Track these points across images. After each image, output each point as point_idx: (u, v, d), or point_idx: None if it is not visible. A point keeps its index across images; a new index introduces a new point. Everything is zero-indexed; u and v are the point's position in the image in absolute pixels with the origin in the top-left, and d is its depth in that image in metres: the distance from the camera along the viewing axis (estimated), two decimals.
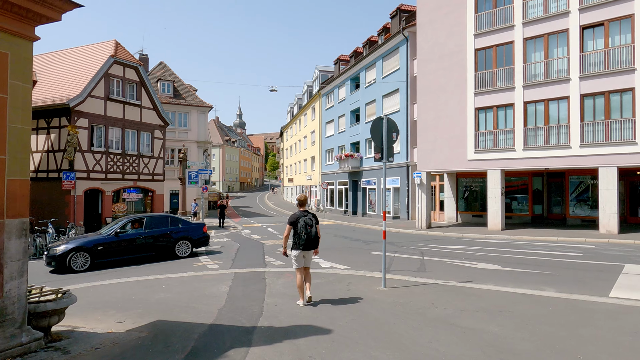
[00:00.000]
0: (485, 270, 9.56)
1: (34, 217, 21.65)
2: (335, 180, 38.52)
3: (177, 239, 13.38)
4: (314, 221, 6.73)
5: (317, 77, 45.63)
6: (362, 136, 33.21)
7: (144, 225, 13.01)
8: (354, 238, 17.58)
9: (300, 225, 6.58)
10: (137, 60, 24.09)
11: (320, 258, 11.85)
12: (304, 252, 6.74)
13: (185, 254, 13.38)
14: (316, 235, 6.70)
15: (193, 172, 23.79)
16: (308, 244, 6.65)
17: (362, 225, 24.79)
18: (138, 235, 12.70)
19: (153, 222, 13.27)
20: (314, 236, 6.66)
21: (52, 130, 21.54)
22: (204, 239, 14.20)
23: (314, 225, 6.69)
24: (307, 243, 6.63)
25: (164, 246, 13.13)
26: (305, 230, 6.57)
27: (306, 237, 6.59)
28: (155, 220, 13.43)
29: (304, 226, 6.58)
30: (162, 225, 13.42)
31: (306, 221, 6.62)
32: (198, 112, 37.21)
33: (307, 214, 6.74)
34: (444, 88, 20.91)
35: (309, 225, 6.61)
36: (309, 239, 6.62)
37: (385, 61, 29.69)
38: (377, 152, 7.95)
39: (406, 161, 26.63)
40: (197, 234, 13.96)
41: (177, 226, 13.68)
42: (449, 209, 24.44)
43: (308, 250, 6.75)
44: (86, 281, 9.70)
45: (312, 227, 6.64)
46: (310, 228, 6.60)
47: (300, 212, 6.76)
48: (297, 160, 56.57)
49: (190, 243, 13.61)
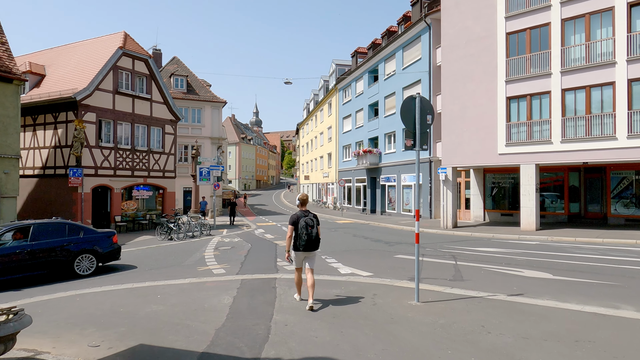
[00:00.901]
0: (534, 280, 8.11)
1: (30, 215, 20.97)
2: (353, 178, 37.14)
3: (77, 252, 10.61)
4: (315, 221, 6.47)
5: (334, 71, 44.26)
6: (381, 131, 31.73)
7: (30, 236, 10.01)
8: (375, 238, 16.23)
9: (301, 225, 6.35)
10: (147, 52, 23.17)
11: (339, 262, 10.56)
12: (304, 253, 6.47)
13: (88, 271, 10.68)
14: (317, 236, 6.43)
15: (205, 168, 22.76)
16: (309, 245, 6.37)
17: (382, 224, 23.39)
18: (20, 250, 9.71)
19: (43, 232, 10.27)
20: (314, 237, 6.39)
21: (59, 125, 20.76)
22: (114, 252, 11.48)
23: (315, 225, 6.42)
24: (307, 244, 6.35)
25: (58, 262, 10.28)
26: (306, 230, 6.34)
27: (307, 237, 6.33)
28: (46, 229, 10.39)
29: (305, 227, 6.35)
30: (57, 235, 10.49)
31: (307, 221, 6.38)
32: (212, 107, 36.27)
33: (308, 213, 6.48)
34: (471, 76, 19.32)
35: (309, 225, 6.37)
36: (309, 240, 6.35)
37: (406, 51, 28.14)
38: (409, 138, 6.61)
39: (428, 156, 25.08)
40: (104, 246, 11.19)
41: (76, 236, 10.81)
42: (476, 207, 22.82)
43: (309, 252, 6.47)
44: (77, 287, 8.64)
45: (313, 227, 6.38)
46: (311, 229, 6.36)
47: (301, 212, 6.49)
48: (313, 158, 55.34)
49: (95, 257, 10.90)
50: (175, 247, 15.25)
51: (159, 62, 38.15)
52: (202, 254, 13.21)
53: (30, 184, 21.66)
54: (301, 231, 6.33)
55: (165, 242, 17.00)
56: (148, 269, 10.82)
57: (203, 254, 13.07)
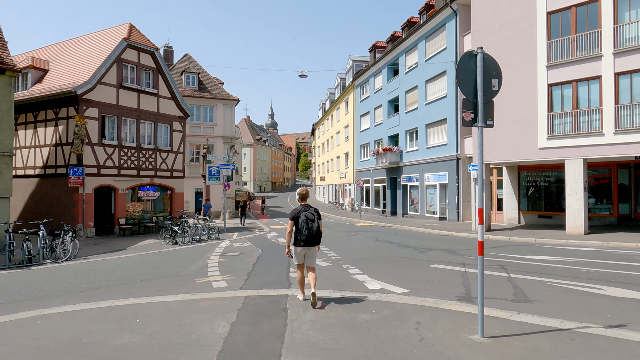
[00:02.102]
0: (627, 302, 6.21)
1: (31, 218, 19.71)
2: (372, 178, 35.27)
3: None
4: (316, 216, 6.32)
5: (351, 67, 42.51)
6: (401, 127, 29.82)
7: None
8: (401, 243, 14.40)
9: (301, 220, 6.23)
10: (153, 44, 21.81)
11: (364, 274, 8.80)
12: (305, 248, 6.32)
13: None
14: (318, 231, 6.30)
15: (214, 167, 21.26)
16: (309, 240, 6.25)
17: (405, 227, 21.50)
18: None
19: None
20: (315, 232, 6.26)
21: (60, 121, 19.53)
22: None
23: (315, 220, 6.28)
24: (308, 239, 6.23)
25: None
26: (306, 225, 6.21)
27: (307, 232, 6.21)
28: None
29: (305, 221, 6.23)
30: None
31: (307, 216, 6.24)
32: (224, 105, 34.91)
33: (309, 208, 6.34)
34: (507, 63, 17.30)
35: (310, 220, 6.23)
36: (310, 235, 6.22)
37: (429, 41, 26.22)
38: (468, 109, 4.83)
39: (455, 153, 23.10)
40: None
41: None
42: (509, 208, 20.74)
43: (310, 247, 6.33)
44: (47, 303, 7.08)
45: (313, 222, 6.24)
46: (311, 223, 6.23)
47: (301, 206, 6.37)
48: (329, 158, 53.62)
49: None
50: (177, 253, 13.70)
51: (170, 60, 37.04)
52: (205, 261, 11.60)
53: (31, 184, 20.48)
54: (301, 225, 6.19)
55: (169, 247, 15.49)
56: (139, 280, 9.24)
57: (206, 262, 11.45)
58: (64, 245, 13.28)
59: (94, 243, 17.30)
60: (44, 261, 12.64)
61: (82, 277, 9.85)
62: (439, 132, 25.09)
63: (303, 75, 23.34)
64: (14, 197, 21.18)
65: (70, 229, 13.71)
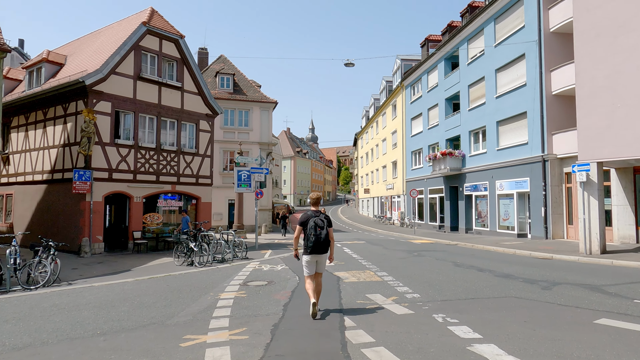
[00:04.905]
0: None
1: (38, 229, 16.77)
2: (426, 188, 30.82)
3: None
4: (326, 223, 6.07)
5: (399, 67, 38.54)
6: (464, 128, 25.42)
7: None
8: (497, 272, 10.14)
9: (310, 226, 5.99)
10: (178, 31, 18.96)
11: (483, 339, 4.77)
12: (314, 256, 6.03)
13: None
14: (327, 238, 6.01)
15: (244, 171, 17.85)
16: (316, 247, 5.96)
17: (478, 246, 17.07)
18: None
19: None
20: (323, 239, 5.97)
21: (69, 118, 16.87)
22: None
23: (324, 227, 6.03)
24: (315, 246, 5.96)
25: None
26: (314, 231, 5.96)
27: (315, 239, 5.94)
28: None
29: (314, 227, 5.97)
30: None
31: (316, 222, 6.01)
32: (261, 109, 31.93)
33: (319, 214, 6.12)
34: (628, 24, 12.80)
35: (319, 226, 5.99)
36: (317, 242, 5.95)
37: (499, 23, 21.90)
38: None
39: (541, 153, 18.48)
40: None
41: None
42: (621, 222, 15.83)
43: (319, 255, 6.03)
44: None
45: (322, 228, 6.00)
46: (320, 230, 5.97)
47: (312, 212, 6.16)
48: (374, 168, 49.48)
49: None
50: (187, 279, 10.15)
51: (205, 62, 34.74)
52: (217, 295, 7.93)
53: (39, 191, 17.90)
54: (309, 232, 5.97)
55: (182, 269, 12.02)
56: (100, 333, 5.65)
57: (218, 296, 7.78)
58: (43, 266, 10.10)
59: (97, 262, 14.19)
60: (11, 288, 9.47)
61: (25, 322, 6.43)
62: (516, 129, 20.53)
63: (349, 64, 19.69)
64: (22, 206, 18.72)
65: (53, 244, 10.54)
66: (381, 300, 6.99)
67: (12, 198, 19.45)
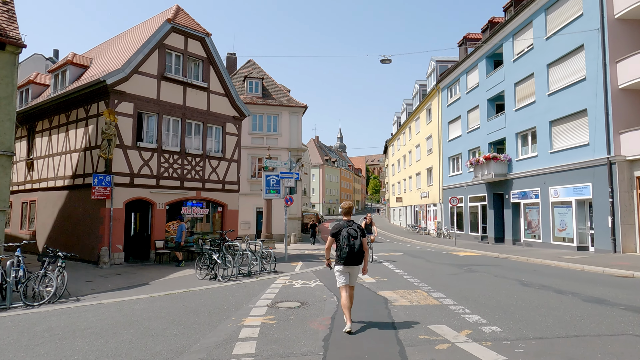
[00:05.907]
0: None
1: (59, 237, 16.03)
2: (465, 196, 28.68)
3: None
4: (359, 233, 5.73)
5: (433, 69, 36.66)
6: (509, 130, 23.33)
7: None
8: (582, 294, 8.26)
9: (343, 236, 5.69)
10: (204, 29, 17.99)
11: None
12: (347, 267, 5.75)
13: None
14: (360, 249, 5.69)
15: (273, 176, 16.52)
16: (350, 259, 5.66)
17: (533, 260, 15.06)
18: None
19: None
20: (357, 250, 5.65)
21: (90, 120, 16.06)
22: None
23: (358, 237, 5.70)
24: (349, 257, 5.65)
25: None
26: (347, 242, 5.65)
27: (348, 250, 5.63)
28: None
29: (347, 237, 5.67)
30: None
31: (350, 232, 5.69)
32: (290, 114, 30.78)
33: (352, 224, 5.82)
34: None
35: (352, 237, 5.67)
36: (351, 253, 5.64)
37: (551, 13, 19.88)
38: None
39: (606, 155, 16.29)
40: None
41: None
42: None
43: (353, 266, 5.75)
44: None
45: (356, 238, 5.67)
46: (353, 240, 5.66)
47: (344, 222, 5.86)
48: (407, 176, 47.42)
49: None
50: (206, 297, 8.79)
51: (233, 67, 34.02)
52: (239, 322, 6.48)
53: (61, 197, 17.15)
54: (342, 242, 5.67)
55: (204, 284, 10.69)
56: None
57: (240, 324, 6.33)
58: (49, 279, 8.98)
59: (115, 273, 13.10)
60: (12, 304, 8.37)
61: (3, 355, 5.18)
62: (574, 129, 18.37)
63: (386, 60, 18.17)
64: (44, 213, 18.04)
65: (62, 254, 9.43)
66: (451, 335, 5.35)
67: (35, 205, 18.86)
